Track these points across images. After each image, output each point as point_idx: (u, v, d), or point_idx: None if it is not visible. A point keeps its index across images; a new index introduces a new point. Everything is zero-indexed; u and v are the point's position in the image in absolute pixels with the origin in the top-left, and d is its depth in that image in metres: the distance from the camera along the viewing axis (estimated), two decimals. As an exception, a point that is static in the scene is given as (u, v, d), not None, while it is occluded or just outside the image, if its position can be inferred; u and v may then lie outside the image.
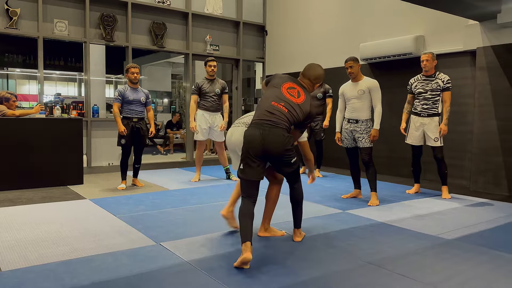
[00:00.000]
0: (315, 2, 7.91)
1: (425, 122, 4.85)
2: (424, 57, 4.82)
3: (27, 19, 6.53)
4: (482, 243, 3.19)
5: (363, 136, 4.53)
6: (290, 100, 2.92)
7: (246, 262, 2.60)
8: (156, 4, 7.59)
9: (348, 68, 4.54)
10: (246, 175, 2.83)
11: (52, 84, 21.65)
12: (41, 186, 5.25)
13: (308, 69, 3.14)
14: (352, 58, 4.54)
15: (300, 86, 3.06)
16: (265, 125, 2.81)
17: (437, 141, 4.80)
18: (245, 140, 2.84)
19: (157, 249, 2.97)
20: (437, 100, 4.79)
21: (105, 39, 7.06)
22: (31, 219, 3.74)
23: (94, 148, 7.08)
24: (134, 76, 5.22)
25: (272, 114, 2.85)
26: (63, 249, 2.94)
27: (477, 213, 4.19)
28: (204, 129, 5.79)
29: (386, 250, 3.00)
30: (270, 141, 2.77)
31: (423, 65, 4.83)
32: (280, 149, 2.79)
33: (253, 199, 2.85)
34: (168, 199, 4.67)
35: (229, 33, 8.68)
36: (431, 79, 4.82)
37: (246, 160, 2.82)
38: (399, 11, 6.36)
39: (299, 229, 3.22)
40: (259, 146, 2.77)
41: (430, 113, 4.82)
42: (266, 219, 3.32)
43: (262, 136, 2.77)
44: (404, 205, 4.48)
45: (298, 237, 3.20)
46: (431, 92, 4.80)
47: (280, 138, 2.79)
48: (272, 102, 2.90)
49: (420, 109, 4.88)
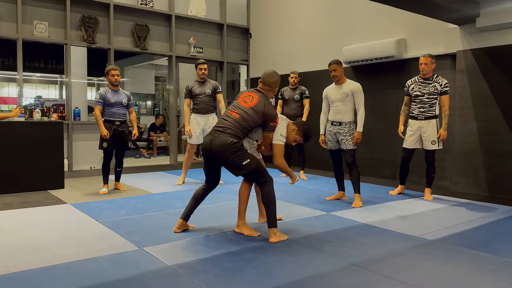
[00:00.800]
0: (299, 5, 7.95)
1: (422, 125, 4.85)
2: (422, 59, 4.80)
3: (6, 20, 6.39)
4: (463, 243, 3.24)
5: (347, 138, 4.55)
6: (243, 106, 3.29)
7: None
8: (139, 6, 7.52)
9: (331, 71, 4.56)
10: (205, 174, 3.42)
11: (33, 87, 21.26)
12: (20, 191, 5.14)
13: (267, 76, 3.43)
14: (335, 61, 4.56)
15: (256, 92, 3.38)
16: (215, 132, 3.22)
17: (434, 144, 4.80)
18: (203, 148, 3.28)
19: (140, 254, 2.93)
20: (434, 103, 4.79)
21: (86, 41, 6.96)
22: (10, 225, 3.64)
23: (75, 151, 6.96)
24: (115, 79, 5.15)
25: (225, 121, 3.25)
26: (43, 255, 2.88)
27: (458, 213, 4.25)
28: (198, 133, 5.73)
29: (370, 252, 3.01)
30: (215, 146, 3.15)
31: (421, 68, 4.81)
32: (223, 153, 3.13)
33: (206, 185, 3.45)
34: (151, 203, 4.62)
35: (213, 36, 8.65)
36: (429, 82, 4.81)
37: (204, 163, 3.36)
38: (381, 15, 6.43)
39: (272, 229, 3.24)
40: (207, 150, 3.21)
41: (427, 116, 4.82)
42: (241, 216, 3.47)
43: (210, 141, 3.18)
44: (387, 207, 4.52)
45: (272, 238, 3.22)
46: (428, 95, 4.79)
47: (223, 143, 3.12)
48: (229, 111, 3.32)
49: (417, 113, 4.89)
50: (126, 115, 5.30)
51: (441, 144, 4.84)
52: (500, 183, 5.09)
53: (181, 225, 3.47)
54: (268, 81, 3.41)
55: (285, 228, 3.56)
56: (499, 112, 5.10)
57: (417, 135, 4.91)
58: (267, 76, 3.42)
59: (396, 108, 6.19)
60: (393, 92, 6.28)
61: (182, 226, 3.47)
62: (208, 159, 3.27)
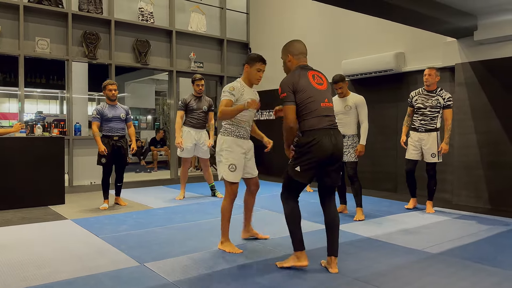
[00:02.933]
0: (298, 20, 8.04)
1: (422, 137, 4.85)
2: (427, 71, 4.81)
3: (8, 36, 6.46)
4: (466, 256, 3.22)
5: (349, 151, 4.55)
6: (323, 91, 2.94)
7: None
8: (140, 22, 7.61)
9: (337, 89, 4.58)
10: (305, 179, 2.87)
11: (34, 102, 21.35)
12: (21, 207, 5.12)
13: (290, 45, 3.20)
14: (340, 79, 4.53)
15: (315, 70, 3.06)
16: (332, 130, 2.88)
17: (434, 157, 4.79)
18: (314, 149, 2.80)
19: (141, 270, 2.91)
20: (435, 116, 4.78)
21: (88, 57, 7.02)
22: (10, 241, 3.63)
23: (76, 166, 6.97)
24: (112, 93, 5.16)
25: (330, 117, 2.90)
26: (44, 271, 2.86)
27: (461, 226, 4.23)
28: (189, 146, 5.74)
29: (373, 266, 2.99)
30: (337, 146, 2.87)
31: (425, 79, 4.81)
32: (342, 154, 2.97)
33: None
34: (151, 218, 4.60)
35: (213, 50, 8.73)
36: (432, 95, 4.80)
37: (313, 168, 2.85)
38: (380, 29, 6.50)
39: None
40: (332, 153, 2.84)
41: (427, 128, 4.82)
42: (248, 223, 3.58)
43: (333, 144, 2.83)
44: (390, 220, 4.50)
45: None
46: (431, 108, 4.78)
47: (342, 141, 2.97)
48: (321, 103, 2.88)
49: (418, 125, 4.89)
50: (125, 130, 5.29)
51: (441, 158, 4.83)
52: (501, 195, 5.08)
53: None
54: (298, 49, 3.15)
55: (286, 242, 3.54)
56: (499, 124, 5.11)
57: (418, 147, 4.90)
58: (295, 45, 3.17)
59: (396, 121, 6.21)
60: (392, 105, 6.30)
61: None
62: (330, 164, 2.87)
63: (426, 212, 4.89)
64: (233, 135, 3.30)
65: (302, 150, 2.83)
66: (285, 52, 3.14)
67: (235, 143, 3.29)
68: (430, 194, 4.94)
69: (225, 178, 3.26)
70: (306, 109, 2.84)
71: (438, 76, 4.83)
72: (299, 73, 2.92)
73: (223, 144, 3.29)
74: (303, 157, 2.82)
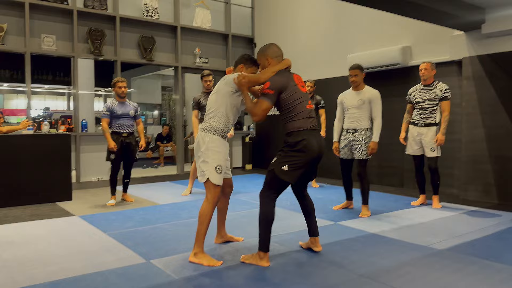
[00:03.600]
0: (303, 14, 7.99)
1: (422, 132, 4.82)
2: (422, 66, 4.79)
3: (14, 34, 6.49)
4: (472, 252, 3.20)
5: (361, 147, 4.44)
6: (307, 94, 3.09)
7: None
8: (145, 18, 7.60)
9: (352, 76, 4.44)
10: (293, 179, 2.93)
11: (41, 98, 21.49)
12: (29, 203, 5.17)
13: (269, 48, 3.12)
14: (357, 66, 4.44)
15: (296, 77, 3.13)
16: (316, 131, 3.00)
17: (433, 151, 4.75)
18: (304, 149, 2.88)
19: (147, 267, 2.93)
20: (435, 109, 4.76)
21: (93, 54, 7.04)
22: (19, 238, 3.67)
23: (83, 163, 7.01)
24: (122, 91, 5.19)
25: (313, 118, 3.03)
26: (51, 269, 2.89)
27: (468, 222, 4.20)
28: None
29: (379, 262, 2.99)
30: (323, 148, 3.02)
31: (421, 74, 4.79)
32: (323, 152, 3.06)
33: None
34: (158, 214, 4.63)
35: (218, 46, 8.71)
36: (430, 89, 4.78)
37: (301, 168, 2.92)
38: (386, 22, 6.44)
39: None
40: (318, 155, 2.97)
41: (427, 123, 4.79)
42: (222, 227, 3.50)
43: (319, 145, 2.97)
44: (395, 216, 4.48)
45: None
46: (429, 101, 4.76)
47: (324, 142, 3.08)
48: (306, 106, 3.00)
49: (418, 119, 4.86)
50: (134, 127, 5.33)
51: (439, 151, 4.78)
52: (510, 190, 5.04)
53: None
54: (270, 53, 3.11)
55: (291, 239, 3.55)
56: (507, 118, 5.06)
57: (418, 142, 4.86)
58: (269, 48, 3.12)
59: (402, 116, 6.15)
60: (398, 100, 6.25)
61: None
62: (314, 164, 3.02)
63: (433, 207, 4.86)
64: (221, 135, 3.03)
65: (292, 149, 2.89)
66: (264, 56, 3.10)
67: (222, 143, 3.04)
68: (434, 189, 4.90)
69: (212, 180, 2.95)
70: (294, 110, 2.94)
71: (434, 70, 4.80)
72: (288, 75, 3.03)
73: (210, 143, 2.98)
74: (293, 157, 2.88)
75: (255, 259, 2.94)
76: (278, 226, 3.97)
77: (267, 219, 2.90)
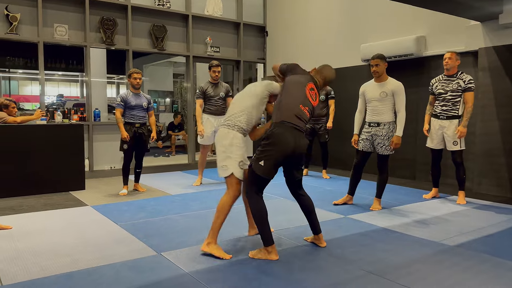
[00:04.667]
0: (316, 3, 7.87)
1: (444, 124, 4.68)
2: (446, 55, 4.64)
3: (27, 24, 6.53)
4: (484, 249, 3.17)
5: (384, 143, 4.30)
6: (311, 104, 3.12)
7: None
8: (156, 7, 7.57)
9: (373, 66, 4.29)
10: (270, 174, 2.94)
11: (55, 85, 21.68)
12: (43, 193, 5.26)
13: (326, 69, 3.32)
14: (379, 56, 4.29)
15: (316, 87, 3.23)
16: (297, 131, 2.99)
17: (456, 145, 4.62)
18: (276, 141, 2.92)
19: (158, 259, 2.96)
20: (457, 101, 4.61)
21: (105, 43, 7.05)
22: (33, 228, 3.74)
23: (96, 151, 7.09)
24: (137, 82, 5.22)
25: (300, 121, 3.03)
26: (64, 260, 2.94)
27: (481, 216, 4.16)
28: (209, 133, 5.75)
29: (388, 258, 2.98)
30: (301, 147, 3.01)
31: (445, 63, 4.64)
32: (303, 153, 3.06)
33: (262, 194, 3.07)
34: (169, 205, 4.67)
35: (230, 35, 8.65)
36: (452, 79, 4.64)
37: (275, 160, 2.93)
38: (400, 12, 6.31)
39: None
40: (293, 150, 2.95)
41: (449, 115, 4.65)
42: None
43: (295, 141, 2.95)
44: (407, 209, 4.45)
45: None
46: (451, 93, 4.61)
47: (305, 146, 3.05)
48: (300, 105, 3.04)
49: (440, 111, 4.73)
50: (146, 118, 5.38)
51: (463, 144, 4.65)
52: (524, 184, 4.96)
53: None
54: (325, 74, 3.30)
55: (300, 232, 3.56)
56: (523, 111, 4.96)
57: (440, 135, 4.75)
58: (326, 69, 3.31)
59: (416, 107, 6.08)
60: (412, 91, 6.15)
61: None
62: (289, 160, 3.00)
63: (457, 203, 4.71)
64: (243, 133, 3.10)
65: (266, 142, 2.96)
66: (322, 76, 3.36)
67: (244, 141, 3.11)
68: (460, 183, 4.74)
69: (236, 174, 3.01)
70: (282, 104, 3.04)
71: (459, 60, 4.66)
72: (303, 81, 3.16)
73: (234, 139, 3.04)
74: (266, 150, 2.93)
75: (263, 254, 2.96)
76: (285, 219, 3.99)
77: (260, 215, 2.94)
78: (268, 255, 2.94)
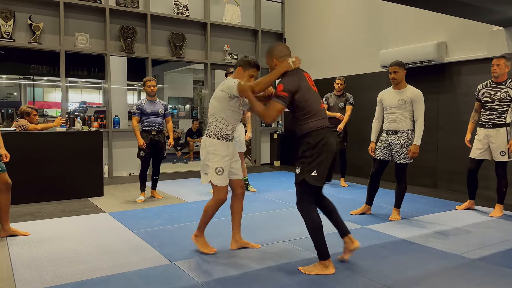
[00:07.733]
0: (334, 9, 7.82)
1: (490, 133, 4.44)
2: (495, 61, 4.40)
3: (50, 33, 6.69)
4: (505, 263, 3.05)
5: (402, 151, 4.19)
6: (318, 93, 3.01)
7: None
8: (175, 15, 7.66)
9: (391, 73, 4.20)
10: (323, 181, 2.89)
11: (78, 92, 22.15)
12: (62, 199, 5.34)
13: (275, 49, 3.07)
14: (397, 63, 4.20)
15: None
16: (331, 131, 2.96)
17: (504, 155, 4.38)
18: (324, 148, 2.83)
19: (171, 269, 2.95)
20: (504, 110, 4.36)
21: (125, 51, 7.16)
22: (50, 235, 3.79)
23: (115, 158, 7.18)
24: (151, 89, 5.27)
25: (327, 119, 2.99)
26: (79, 268, 2.96)
27: (504, 228, 4.01)
28: None
29: (406, 271, 2.90)
30: (337, 145, 2.96)
31: (492, 70, 4.42)
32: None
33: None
34: (185, 212, 4.67)
35: (248, 42, 8.68)
36: (501, 87, 4.39)
37: (326, 165, 2.86)
38: (420, 17, 6.21)
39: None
40: (335, 151, 2.92)
41: (495, 124, 4.41)
42: (237, 231, 3.40)
43: (336, 142, 2.93)
44: (427, 220, 4.34)
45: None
46: (499, 102, 4.38)
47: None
48: (321, 105, 2.98)
49: (486, 120, 4.49)
50: (163, 124, 5.41)
51: (510, 156, 4.38)
52: (551, 194, 4.76)
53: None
54: (280, 53, 3.04)
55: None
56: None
57: (485, 145, 4.51)
58: (276, 49, 3.06)
59: (437, 115, 5.95)
60: (433, 97, 6.03)
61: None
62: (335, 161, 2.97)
63: (491, 215, 4.50)
64: (220, 139, 3.16)
65: (315, 150, 2.82)
66: (270, 57, 3.07)
67: (222, 146, 3.17)
68: (500, 196, 4.53)
69: (213, 181, 3.18)
70: (310, 110, 2.87)
71: (508, 67, 4.38)
72: (299, 75, 2.92)
73: (210, 147, 3.15)
74: (318, 158, 2.81)
75: (320, 269, 2.86)
76: (301, 229, 3.92)
77: (314, 226, 2.84)
78: (326, 270, 2.84)
